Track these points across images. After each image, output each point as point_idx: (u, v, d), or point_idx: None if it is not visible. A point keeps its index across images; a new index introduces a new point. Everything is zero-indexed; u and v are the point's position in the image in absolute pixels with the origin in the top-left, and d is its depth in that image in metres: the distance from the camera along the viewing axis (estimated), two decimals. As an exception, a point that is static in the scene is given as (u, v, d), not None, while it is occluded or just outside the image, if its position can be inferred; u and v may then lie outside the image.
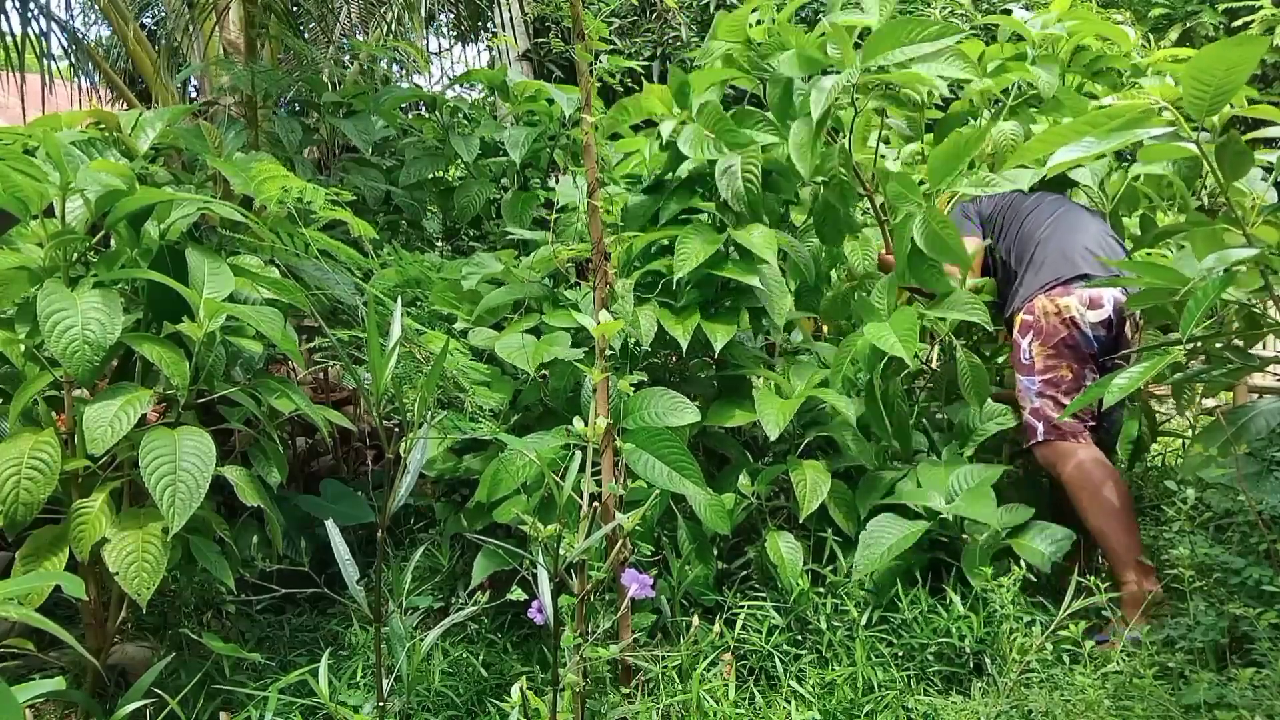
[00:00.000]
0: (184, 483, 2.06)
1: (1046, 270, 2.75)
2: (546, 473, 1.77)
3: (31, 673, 2.32)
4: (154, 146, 2.89)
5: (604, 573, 2.01)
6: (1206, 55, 1.87)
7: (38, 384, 2.13)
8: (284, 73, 3.85)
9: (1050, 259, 2.76)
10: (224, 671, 2.48)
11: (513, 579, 2.42)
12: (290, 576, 2.74)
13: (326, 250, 2.66)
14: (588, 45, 2.24)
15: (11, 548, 2.39)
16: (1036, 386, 2.69)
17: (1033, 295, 2.75)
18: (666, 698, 2.13)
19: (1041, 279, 2.75)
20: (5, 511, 1.98)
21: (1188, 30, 8.04)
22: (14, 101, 4.50)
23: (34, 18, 4.02)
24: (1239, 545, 2.24)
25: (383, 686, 1.69)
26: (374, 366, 1.56)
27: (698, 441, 2.87)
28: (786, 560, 2.53)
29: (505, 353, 2.55)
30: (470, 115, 4.13)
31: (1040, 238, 2.83)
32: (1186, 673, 2.11)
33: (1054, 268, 2.74)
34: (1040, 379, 2.68)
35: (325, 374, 4.06)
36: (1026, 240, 2.87)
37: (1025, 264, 2.84)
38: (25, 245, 2.32)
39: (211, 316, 2.21)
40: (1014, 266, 2.90)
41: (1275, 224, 2.47)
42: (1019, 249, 2.89)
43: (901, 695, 2.26)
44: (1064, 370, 2.66)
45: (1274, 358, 3.89)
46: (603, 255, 2.28)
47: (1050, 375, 2.67)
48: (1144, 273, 2.40)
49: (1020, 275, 2.85)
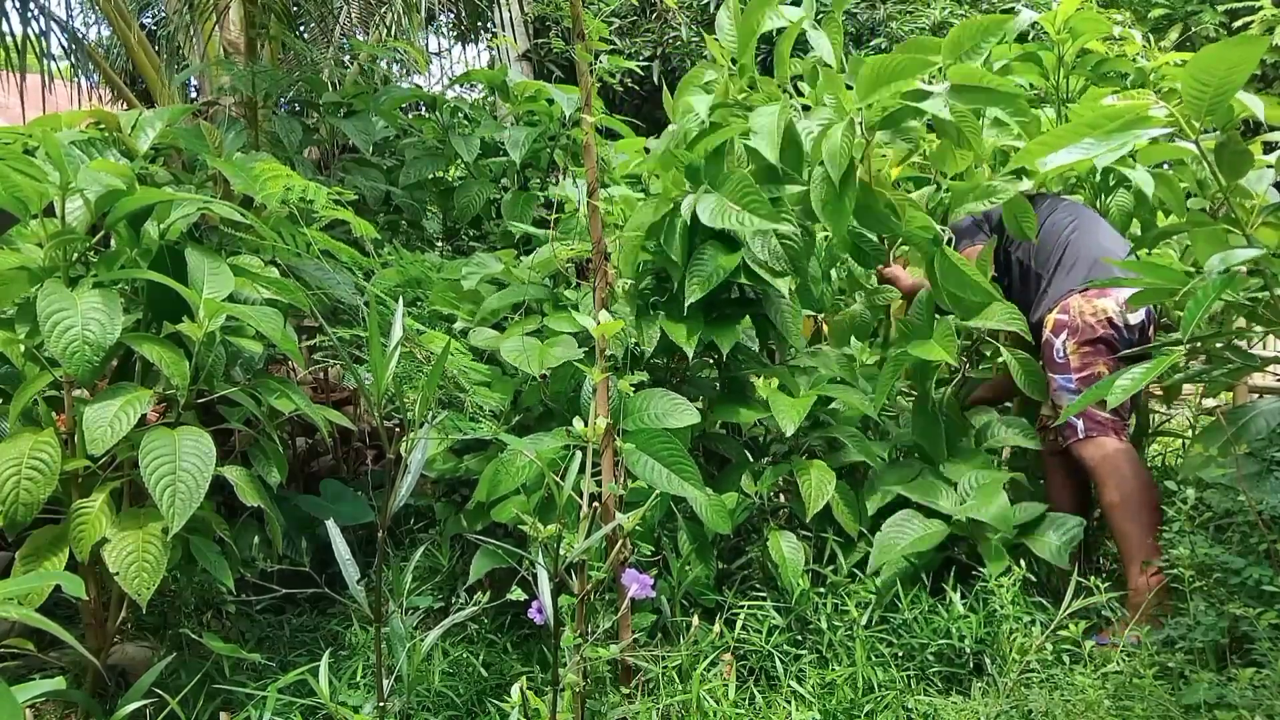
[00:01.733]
0: (184, 483, 2.06)
1: (1078, 272, 2.77)
2: (546, 473, 1.77)
3: (31, 673, 2.32)
4: (154, 146, 2.89)
5: (604, 573, 2.01)
6: (1206, 56, 1.87)
7: (38, 384, 2.13)
8: (284, 73, 3.85)
9: (1081, 261, 2.78)
10: (224, 671, 2.48)
11: (513, 579, 2.42)
12: (290, 576, 2.74)
13: (327, 250, 2.66)
14: (588, 45, 2.24)
15: (11, 548, 2.39)
16: (1074, 385, 2.69)
17: (1065, 295, 2.76)
18: (666, 698, 2.13)
19: (1074, 280, 2.76)
20: (5, 511, 1.98)
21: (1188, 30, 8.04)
22: (14, 101, 4.50)
23: (34, 18, 4.02)
24: (1239, 545, 2.24)
25: (383, 686, 1.69)
26: (375, 366, 1.56)
27: (699, 442, 2.87)
28: (788, 560, 2.53)
29: (509, 355, 2.55)
30: (470, 115, 4.13)
31: (1067, 240, 2.84)
32: (1186, 673, 2.11)
33: (1087, 270, 2.75)
34: (1077, 376, 2.69)
35: (325, 374, 4.06)
36: (1050, 243, 2.88)
37: (1053, 266, 2.85)
38: (25, 245, 2.32)
39: (211, 316, 2.20)
40: (1036, 269, 2.91)
41: (1276, 225, 2.47)
42: (1042, 252, 2.90)
43: (901, 695, 2.26)
44: (1100, 367, 2.66)
45: (1274, 358, 3.88)
46: (603, 255, 2.28)
47: (1086, 373, 2.67)
48: (1145, 273, 2.40)
49: (1048, 277, 2.86)
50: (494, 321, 2.91)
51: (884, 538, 2.55)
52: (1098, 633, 2.42)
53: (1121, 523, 2.57)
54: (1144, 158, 2.25)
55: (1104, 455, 2.64)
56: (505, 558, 2.53)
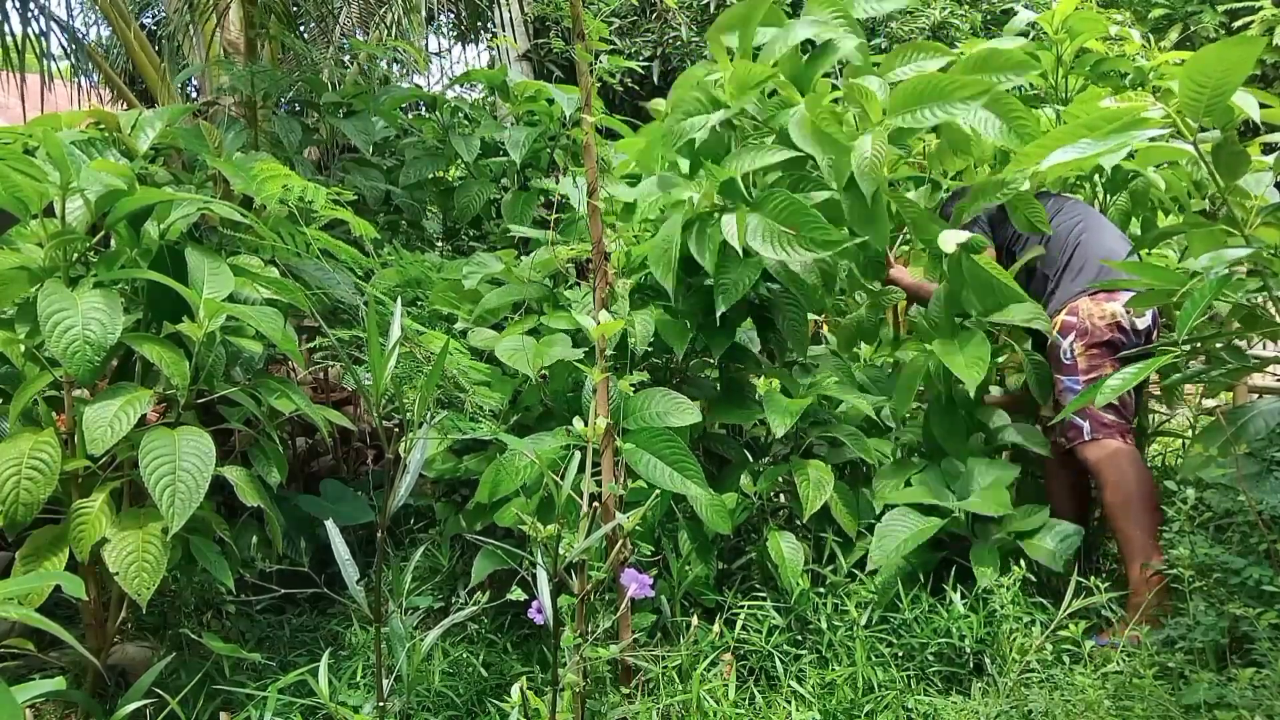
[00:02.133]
0: (184, 483, 2.06)
1: (1087, 274, 2.77)
2: (546, 473, 1.78)
3: (32, 673, 2.32)
4: (154, 146, 2.90)
5: (604, 573, 2.01)
6: (1204, 56, 1.87)
7: (38, 384, 2.13)
8: (284, 73, 3.84)
9: (1090, 263, 2.78)
10: (224, 671, 2.48)
11: (513, 579, 2.42)
12: (290, 576, 2.74)
13: (327, 250, 2.66)
14: (588, 45, 2.24)
15: (11, 548, 2.39)
16: (1079, 386, 2.69)
17: (1074, 297, 2.76)
18: (666, 698, 2.13)
19: (1082, 282, 2.77)
20: (5, 511, 1.98)
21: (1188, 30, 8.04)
22: (14, 101, 4.50)
23: (34, 18, 4.02)
24: (1239, 545, 2.24)
25: (383, 686, 1.69)
26: (374, 366, 1.56)
27: (698, 442, 2.87)
28: (788, 560, 2.53)
29: (505, 355, 2.55)
30: (470, 115, 4.13)
31: (1075, 241, 2.84)
32: (1186, 673, 2.11)
33: (1096, 273, 2.75)
34: (1083, 378, 2.69)
35: (325, 374, 4.07)
36: (1057, 244, 2.88)
37: (1060, 268, 2.86)
38: (25, 245, 2.32)
39: (211, 316, 2.21)
40: (1043, 270, 2.91)
41: (1275, 225, 2.47)
42: (1049, 253, 2.90)
43: (901, 695, 2.26)
44: (1107, 369, 2.66)
45: (1274, 358, 3.88)
46: (603, 255, 2.28)
47: (1094, 374, 2.67)
48: (1144, 274, 2.40)
49: (1055, 278, 2.87)
50: (494, 321, 2.91)
51: (883, 529, 2.56)
52: (1098, 633, 2.42)
53: (1123, 524, 2.58)
54: (1142, 159, 2.25)
55: (1107, 455, 2.64)
56: (506, 558, 2.53)
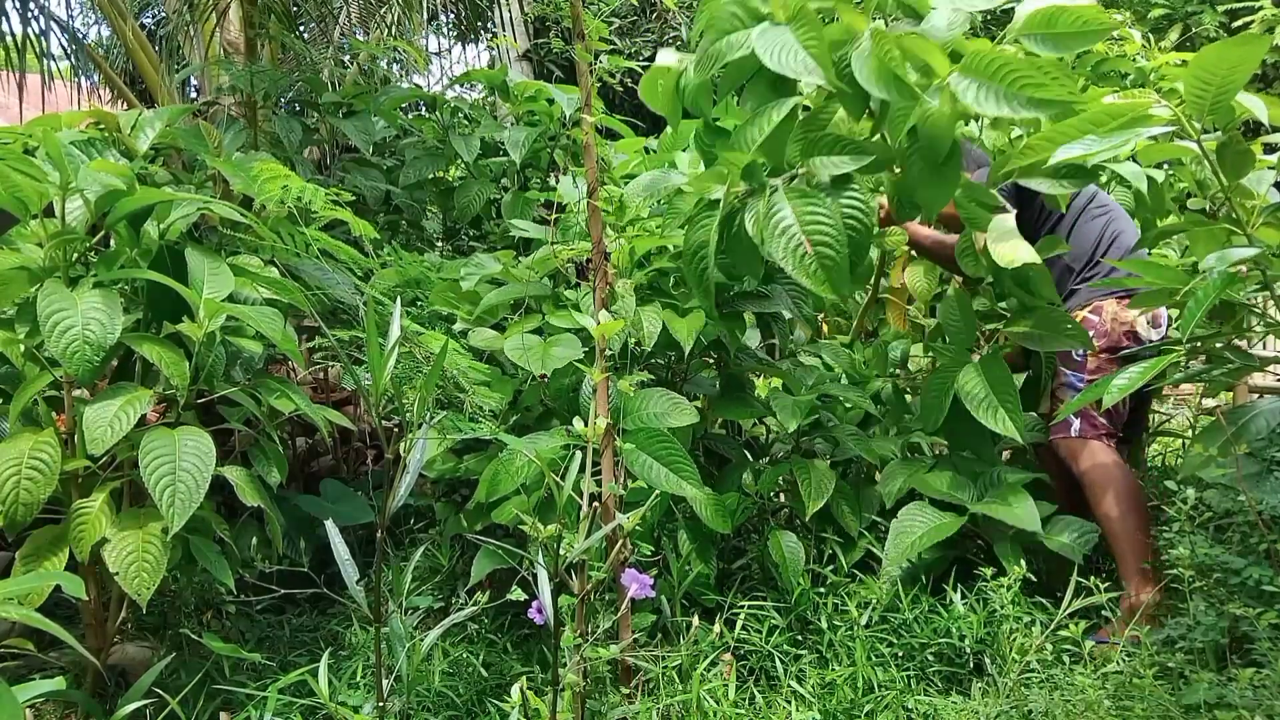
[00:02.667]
0: (184, 483, 2.06)
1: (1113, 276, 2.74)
2: (546, 473, 1.77)
3: (31, 673, 2.32)
4: (154, 146, 2.89)
5: (604, 573, 2.01)
6: (1207, 55, 1.86)
7: (38, 384, 2.13)
8: (284, 73, 3.84)
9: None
10: (224, 671, 2.48)
11: (513, 578, 2.42)
12: (290, 576, 2.74)
13: (326, 250, 2.66)
14: (588, 45, 2.24)
15: (11, 548, 2.39)
16: (1081, 385, 2.70)
17: (1101, 295, 2.76)
18: (666, 698, 2.13)
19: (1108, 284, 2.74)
20: (5, 511, 1.98)
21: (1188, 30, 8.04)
22: (14, 101, 4.50)
23: (34, 18, 4.02)
24: (1239, 545, 2.24)
25: (383, 686, 1.69)
26: (374, 366, 1.56)
27: (699, 442, 2.87)
28: (788, 559, 2.53)
29: (511, 354, 2.55)
30: (470, 115, 4.12)
31: (1102, 235, 2.83)
32: (1186, 673, 2.11)
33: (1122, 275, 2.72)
34: (1088, 378, 2.70)
35: (325, 374, 4.07)
36: (1084, 237, 2.86)
37: (1085, 262, 2.84)
38: (25, 245, 2.32)
39: (211, 316, 2.21)
40: (1068, 260, 2.88)
41: (1275, 225, 2.46)
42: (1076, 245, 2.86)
43: (901, 695, 2.26)
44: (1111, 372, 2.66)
45: (1274, 358, 3.88)
46: (603, 255, 2.28)
47: (1097, 375, 2.67)
48: (1147, 273, 2.40)
49: (1079, 272, 2.85)
50: (493, 321, 2.91)
51: (899, 526, 2.55)
52: (1096, 631, 2.42)
53: (1112, 529, 2.59)
54: (1144, 157, 2.24)
55: (1096, 465, 2.65)
56: (506, 558, 2.53)
